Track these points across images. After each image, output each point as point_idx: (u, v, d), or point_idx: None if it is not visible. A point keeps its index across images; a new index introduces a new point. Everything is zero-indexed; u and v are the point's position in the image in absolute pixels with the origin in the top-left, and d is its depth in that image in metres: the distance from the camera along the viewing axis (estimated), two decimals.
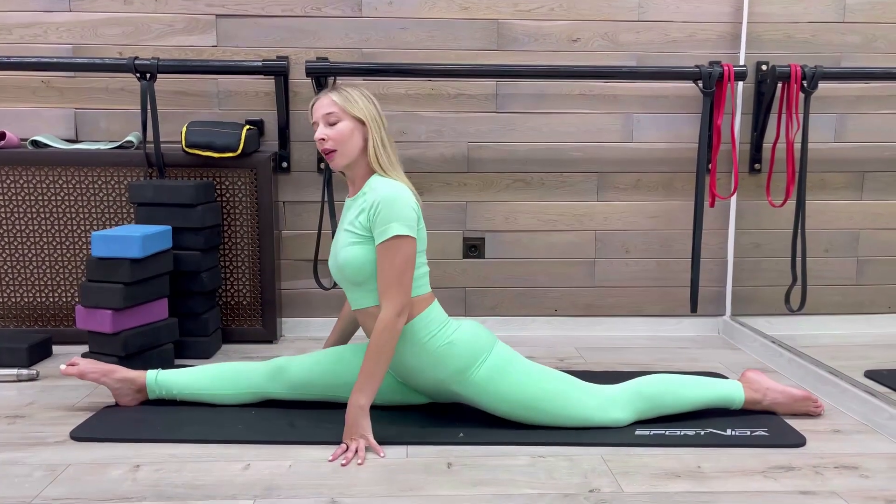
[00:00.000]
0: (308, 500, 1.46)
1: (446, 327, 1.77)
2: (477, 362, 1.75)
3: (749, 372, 1.95)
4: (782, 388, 1.89)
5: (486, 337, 1.80)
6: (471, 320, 1.86)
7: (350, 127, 1.73)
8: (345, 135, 1.72)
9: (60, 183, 2.48)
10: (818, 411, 1.91)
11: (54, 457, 1.66)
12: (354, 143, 1.74)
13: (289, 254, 2.68)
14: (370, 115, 1.74)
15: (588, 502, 1.47)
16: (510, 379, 1.75)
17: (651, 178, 2.72)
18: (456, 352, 1.74)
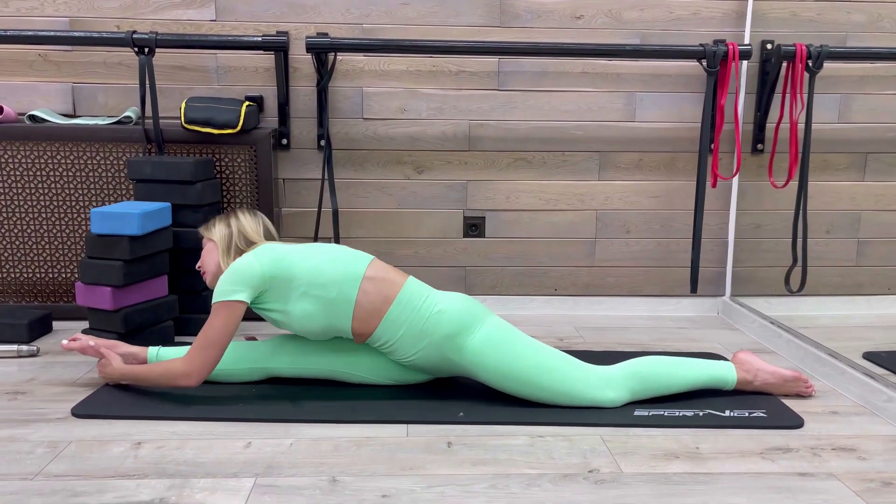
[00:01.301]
0: (309, 479, 1.47)
1: (429, 298, 1.80)
2: (470, 329, 1.77)
3: (741, 353, 1.97)
4: (773, 369, 1.91)
5: (479, 307, 1.83)
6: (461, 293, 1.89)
7: (209, 248, 1.91)
8: (205, 255, 1.92)
9: (59, 158, 2.46)
10: (809, 392, 1.92)
11: (56, 433, 1.66)
12: (213, 259, 1.89)
13: (289, 231, 2.67)
14: (219, 235, 1.90)
15: (587, 482, 1.48)
16: (506, 350, 1.77)
17: (653, 157, 2.70)
18: (446, 319, 1.77)
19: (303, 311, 1.76)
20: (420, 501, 1.39)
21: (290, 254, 1.81)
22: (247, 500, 1.39)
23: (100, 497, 1.39)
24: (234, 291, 1.74)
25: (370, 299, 1.77)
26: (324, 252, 1.82)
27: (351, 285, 1.77)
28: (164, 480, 1.46)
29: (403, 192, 2.67)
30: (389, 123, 2.63)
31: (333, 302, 1.76)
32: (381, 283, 1.79)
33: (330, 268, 1.78)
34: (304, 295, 1.76)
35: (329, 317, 1.77)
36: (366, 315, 1.78)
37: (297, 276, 1.77)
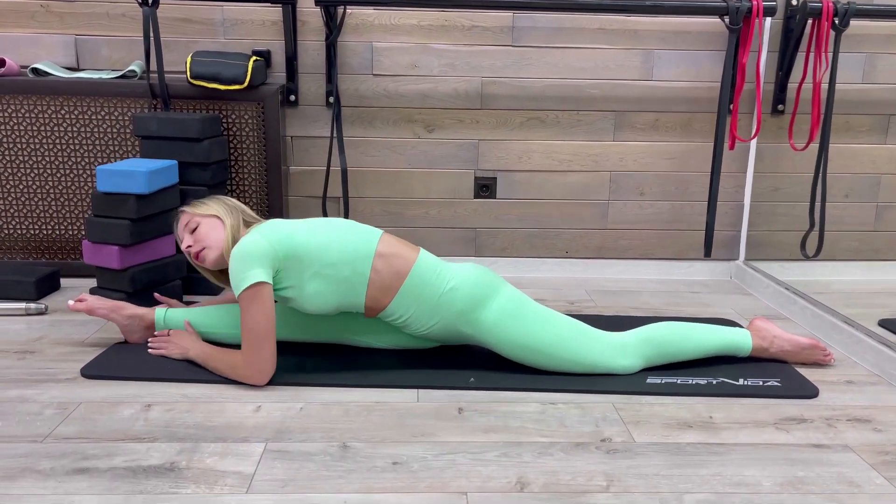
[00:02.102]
0: (319, 444, 1.46)
1: (441, 274, 1.75)
2: (485, 303, 1.74)
3: (757, 320, 1.93)
4: (789, 337, 1.88)
5: (492, 279, 1.78)
6: (473, 264, 1.83)
7: (210, 224, 1.78)
8: (204, 232, 1.77)
9: (63, 113, 2.41)
10: (827, 360, 1.90)
11: (65, 394, 1.66)
12: (218, 234, 1.77)
13: (297, 190, 2.63)
14: (221, 210, 1.80)
15: (599, 452, 1.46)
16: (520, 322, 1.74)
17: (670, 117, 2.64)
18: (459, 296, 1.73)
19: (315, 290, 1.70)
20: (431, 469, 1.38)
21: (295, 232, 1.71)
22: (257, 465, 1.38)
23: (109, 461, 1.39)
24: (252, 275, 1.62)
25: (382, 276, 1.72)
26: (330, 229, 1.74)
27: (363, 263, 1.71)
28: (175, 444, 1.45)
29: (413, 152, 2.62)
30: (400, 80, 2.56)
31: (346, 280, 1.71)
32: (393, 260, 1.73)
33: (340, 246, 1.71)
34: (316, 275, 1.69)
35: (342, 295, 1.73)
36: (378, 293, 1.73)
37: (306, 255, 1.69)
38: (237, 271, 1.64)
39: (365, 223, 2.65)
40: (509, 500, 1.29)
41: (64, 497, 1.27)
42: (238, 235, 1.77)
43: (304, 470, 1.37)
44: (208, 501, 1.26)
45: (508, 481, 1.35)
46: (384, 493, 1.30)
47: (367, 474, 1.36)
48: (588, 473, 1.38)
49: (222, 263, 1.79)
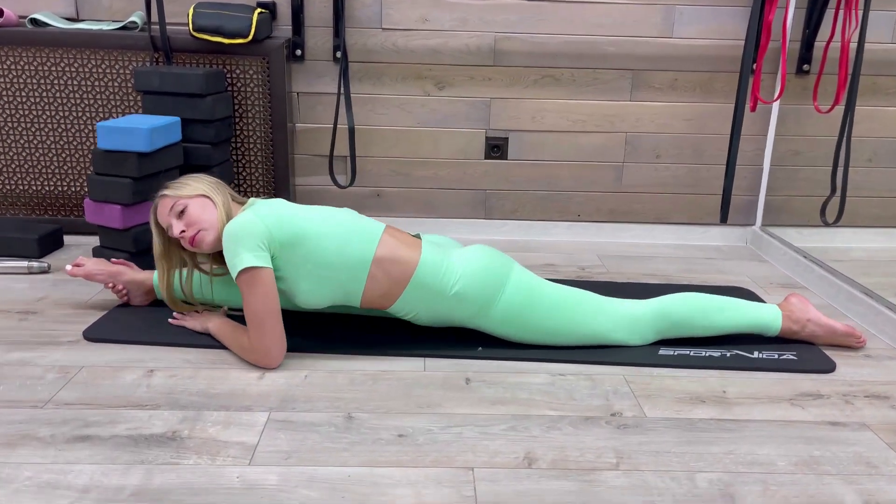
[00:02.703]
0: (324, 415, 1.44)
1: (445, 276, 1.63)
2: (491, 302, 1.65)
3: (793, 297, 1.82)
4: (825, 322, 1.77)
5: (498, 270, 1.66)
6: (478, 249, 1.70)
7: (199, 204, 1.64)
8: (195, 214, 1.63)
9: (63, 66, 2.34)
10: (860, 345, 1.81)
11: (67, 358, 1.63)
12: (210, 213, 1.63)
13: (303, 148, 2.57)
14: (206, 188, 1.66)
15: (610, 427, 1.43)
16: (529, 313, 1.66)
17: (689, 77, 2.54)
18: (465, 298, 1.63)
19: (308, 289, 1.61)
20: (437, 442, 1.36)
21: (294, 218, 1.58)
22: (260, 436, 1.36)
23: (111, 428, 1.36)
24: (247, 259, 1.52)
25: (379, 284, 1.61)
26: (331, 224, 1.60)
27: (359, 270, 1.60)
28: (177, 412, 1.43)
29: (423, 110, 2.54)
30: (410, 35, 2.47)
31: (342, 284, 1.61)
32: (392, 267, 1.60)
33: (337, 247, 1.58)
34: (310, 273, 1.59)
35: (336, 297, 1.64)
36: (375, 300, 1.64)
37: (301, 247, 1.56)
38: (231, 254, 1.53)
39: (372, 183, 2.60)
40: (517, 476, 1.27)
41: (64, 466, 1.25)
42: (231, 213, 1.65)
43: (308, 441, 1.34)
44: (210, 473, 1.24)
45: (516, 456, 1.32)
46: (388, 467, 1.28)
47: (371, 447, 1.34)
48: (597, 450, 1.35)
49: (219, 245, 1.64)
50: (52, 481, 1.21)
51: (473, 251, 1.70)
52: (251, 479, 1.23)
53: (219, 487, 1.21)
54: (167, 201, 1.66)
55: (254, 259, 1.52)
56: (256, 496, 1.19)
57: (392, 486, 1.22)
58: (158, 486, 1.21)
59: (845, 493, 1.25)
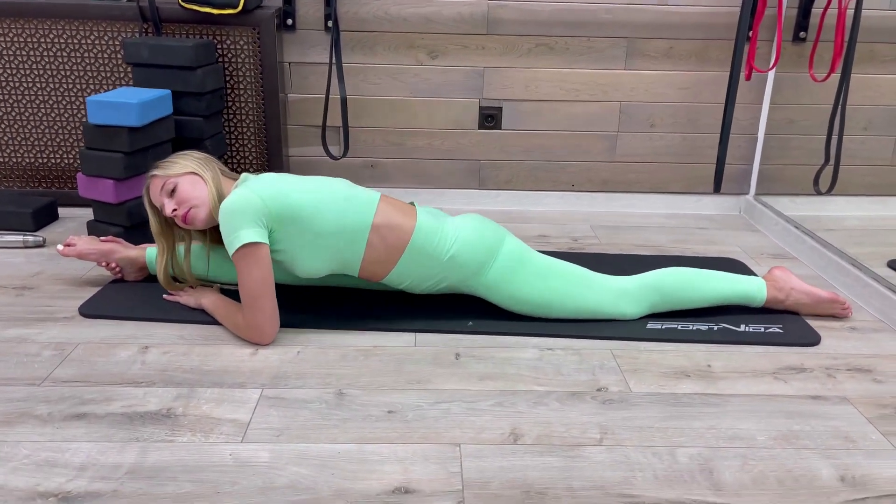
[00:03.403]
0: (315, 391, 1.47)
1: (440, 242, 1.66)
2: (485, 266, 1.68)
3: (776, 269, 1.87)
4: (808, 289, 1.82)
5: (492, 237, 1.70)
6: (471, 216, 1.74)
7: (189, 181, 1.65)
8: (186, 191, 1.64)
9: (51, 37, 2.32)
10: (845, 313, 1.84)
11: (63, 334, 1.66)
12: (201, 190, 1.64)
13: (296, 119, 2.56)
14: (195, 165, 1.67)
15: (595, 402, 1.46)
16: (521, 281, 1.69)
17: (684, 45, 2.51)
18: (460, 262, 1.67)
19: (307, 259, 1.63)
20: (425, 418, 1.39)
21: (290, 191, 1.59)
22: (252, 412, 1.39)
23: (107, 406, 1.40)
24: (244, 235, 1.53)
25: (377, 251, 1.64)
26: (327, 194, 1.61)
27: (358, 237, 1.62)
28: (171, 389, 1.46)
29: (416, 79, 2.53)
30: (402, 2, 2.44)
31: (340, 253, 1.63)
32: (389, 234, 1.63)
33: (335, 217, 1.60)
34: (309, 243, 1.61)
35: (334, 266, 1.66)
36: (373, 266, 1.66)
37: (299, 220, 1.58)
38: (228, 230, 1.55)
39: (366, 154, 2.60)
40: (502, 451, 1.30)
41: (62, 444, 1.28)
42: (221, 188, 1.66)
43: (300, 418, 1.38)
44: (203, 451, 1.28)
45: (502, 432, 1.35)
46: (378, 443, 1.31)
47: (361, 423, 1.37)
48: (582, 425, 1.38)
49: (212, 221, 1.67)
50: (49, 459, 1.24)
51: (467, 218, 1.73)
52: (243, 457, 1.26)
53: (212, 465, 1.24)
54: (157, 181, 1.67)
55: (251, 235, 1.54)
56: (248, 473, 1.22)
57: (380, 463, 1.26)
58: (153, 463, 1.24)
59: (822, 468, 1.28)
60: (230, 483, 1.20)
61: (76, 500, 1.15)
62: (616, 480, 1.23)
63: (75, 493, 1.16)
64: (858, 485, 1.24)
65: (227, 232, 1.55)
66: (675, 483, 1.23)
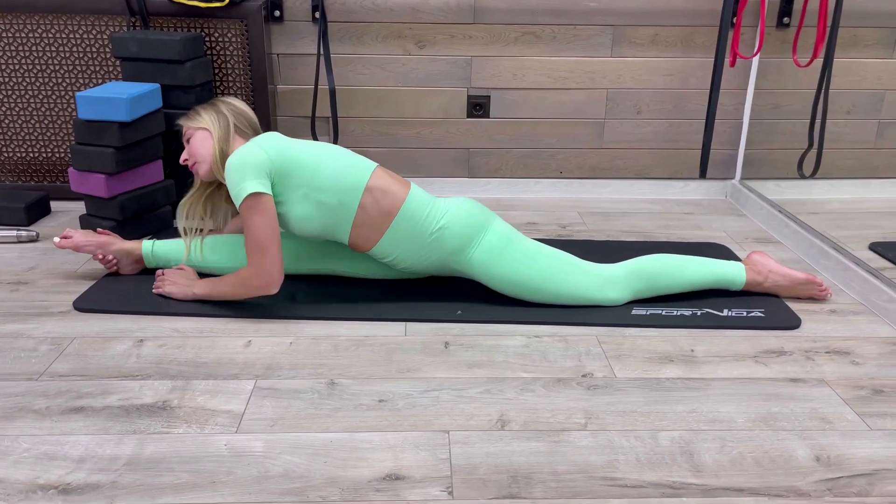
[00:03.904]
0: (307, 382, 1.50)
1: (431, 213, 1.73)
2: (473, 242, 1.74)
3: (754, 254, 1.91)
4: (786, 271, 1.87)
5: (481, 215, 1.76)
6: (463, 198, 1.80)
7: (201, 136, 1.78)
8: (196, 144, 1.78)
9: (40, 31, 2.32)
10: (823, 295, 1.89)
11: (59, 329, 1.69)
12: (207, 147, 1.77)
13: (285, 110, 2.58)
14: (210, 122, 1.78)
15: (580, 387, 1.50)
16: (508, 259, 1.74)
17: (670, 32, 2.54)
18: (449, 235, 1.73)
19: (301, 212, 1.70)
20: (415, 406, 1.43)
21: (293, 147, 1.70)
22: (246, 403, 1.42)
23: (104, 399, 1.43)
24: (249, 186, 1.63)
25: (369, 214, 1.70)
26: (327, 153, 1.72)
27: (352, 196, 1.69)
28: (167, 382, 1.49)
29: (404, 69, 2.54)
30: None
31: (333, 209, 1.70)
32: (382, 197, 1.70)
33: (332, 173, 1.69)
34: (304, 196, 1.68)
35: (327, 223, 1.72)
36: (364, 230, 1.72)
37: (299, 171, 1.68)
38: (234, 183, 1.65)
39: (355, 144, 2.62)
40: (489, 438, 1.34)
41: (60, 437, 1.32)
42: (227, 147, 1.76)
43: (293, 408, 1.41)
44: (199, 441, 1.31)
45: (490, 419, 1.39)
46: (369, 431, 1.35)
47: (353, 412, 1.41)
48: (568, 411, 1.42)
49: (212, 176, 1.79)
50: (49, 452, 1.28)
51: (458, 198, 1.80)
52: (238, 447, 1.30)
53: (208, 455, 1.28)
54: (183, 129, 1.83)
55: (256, 186, 1.63)
56: (243, 462, 1.26)
57: (371, 451, 1.30)
58: (150, 454, 1.28)
59: (798, 448, 1.33)
60: (226, 473, 1.24)
61: (76, 492, 1.19)
62: (600, 464, 1.28)
63: (75, 485, 1.20)
64: (833, 464, 1.29)
65: (233, 184, 1.65)
66: (656, 466, 1.27)
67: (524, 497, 1.20)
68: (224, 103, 1.82)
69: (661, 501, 1.19)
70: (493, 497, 1.19)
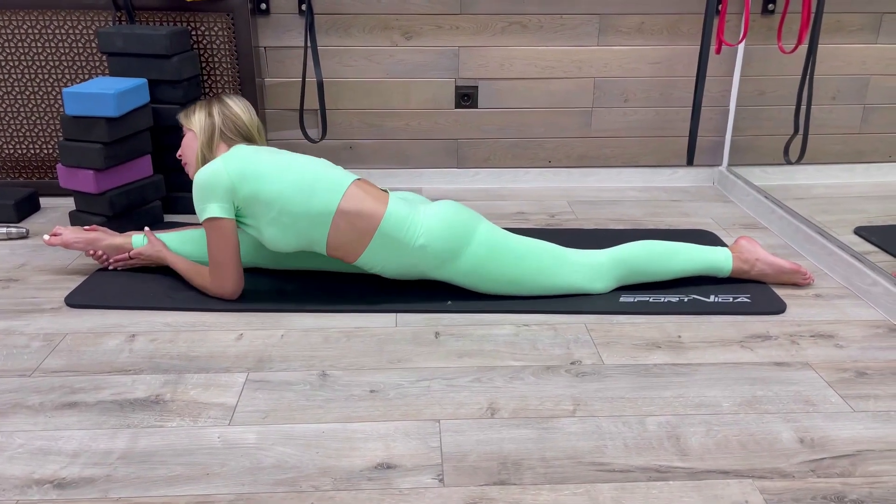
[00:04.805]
0: (299, 374, 1.52)
1: (410, 228, 1.69)
2: (457, 255, 1.72)
3: (742, 239, 1.93)
4: (771, 260, 1.89)
5: (462, 227, 1.72)
6: (445, 203, 1.76)
7: (189, 138, 1.81)
8: (184, 146, 1.82)
9: (25, 27, 2.32)
10: (806, 282, 1.91)
11: (51, 325, 1.70)
12: (192, 151, 1.81)
13: (273, 103, 2.58)
14: (198, 124, 1.79)
15: (569, 375, 1.52)
16: (495, 264, 1.74)
17: (656, 20, 2.55)
18: (430, 252, 1.70)
19: (273, 233, 1.69)
20: (406, 396, 1.44)
21: (259, 173, 1.65)
22: (239, 396, 1.44)
23: (97, 394, 1.44)
24: (209, 209, 1.66)
25: (344, 235, 1.68)
26: (295, 175, 1.66)
27: (322, 219, 1.66)
28: (159, 376, 1.50)
29: (391, 60, 2.55)
30: None
31: (305, 231, 1.68)
32: (357, 218, 1.67)
33: (300, 199, 1.65)
34: (274, 220, 1.67)
35: (301, 243, 1.71)
36: (341, 250, 1.71)
37: (265, 200, 1.65)
38: (196, 200, 1.68)
39: (344, 136, 2.63)
40: (480, 425, 1.36)
41: (54, 433, 1.33)
42: (209, 153, 1.78)
43: (285, 400, 1.43)
44: (192, 434, 1.33)
45: (480, 407, 1.41)
46: (361, 422, 1.37)
47: (344, 403, 1.42)
48: (556, 398, 1.44)
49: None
50: (43, 447, 1.29)
51: (440, 205, 1.76)
52: (231, 439, 1.32)
53: (201, 448, 1.29)
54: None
55: (217, 210, 1.67)
56: (236, 454, 1.28)
57: (363, 441, 1.31)
58: (144, 448, 1.29)
59: (782, 431, 1.35)
60: (219, 465, 1.25)
61: (71, 486, 1.20)
62: (588, 450, 1.30)
63: (70, 480, 1.21)
64: (817, 446, 1.31)
65: (196, 201, 1.69)
66: (643, 450, 1.30)
67: (514, 483, 1.22)
68: (220, 104, 1.80)
69: (648, 485, 1.21)
70: (484, 483, 1.21)
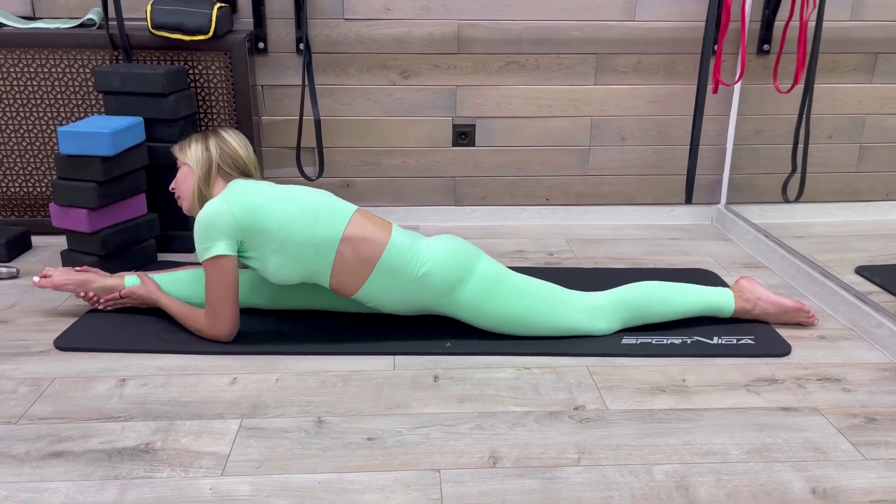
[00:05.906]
0: (294, 420, 1.47)
1: (413, 258, 1.69)
2: (459, 286, 1.70)
3: (743, 279, 1.91)
4: (774, 299, 1.87)
5: (465, 259, 1.71)
6: (447, 237, 1.75)
7: (184, 172, 1.79)
8: (179, 180, 1.80)
9: (21, 66, 2.31)
10: (810, 321, 1.89)
11: (39, 369, 1.65)
12: (188, 185, 1.78)
13: (270, 141, 2.56)
14: (194, 158, 1.77)
15: (572, 421, 1.48)
16: (496, 299, 1.71)
17: (652, 60, 2.56)
18: (433, 281, 1.69)
19: (277, 264, 1.67)
20: (405, 444, 1.40)
21: (264, 205, 1.65)
22: (232, 445, 1.39)
23: (84, 443, 1.39)
24: (213, 248, 1.63)
25: (348, 263, 1.67)
26: (300, 205, 1.66)
27: (328, 247, 1.66)
28: (150, 423, 1.46)
29: (389, 99, 2.54)
30: (373, 24, 2.46)
31: (310, 260, 1.67)
32: (361, 246, 1.67)
33: (305, 228, 1.64)
34: (278, 251, 1.65)
35: (305, 273, 1.69)
36: (344, 279, 1.69)
37: (270, 230, 1.64)
38: (199, 240, 1.65)
39: (341, 174, 2.61)
40: (482, 476, 1.31)
41: (39, 484, 1.28)
42: (205, 189, 1.76)
43: (279, 449, 1.38)
44: (183, 486, 1.28)
45: (481, 456, 1.37)
46: (358, 472, 1.32)
47: (341, 452, 1.38)
48: (560, 445, 1.40)
49: (194, 213, 1.79)
50: (28, 500, 1.24)
51: (442, 239, 1.75)
52: (224, 490, 1.27)
53: (192, 500, 1.24)
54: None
55: (221, 248, 1.64)
56: None
57: (361, 492, 1.27)
58: (133, 501, 1.24)
59: (794, 480, 1.31)
60: None
61: None
62: (594, 501, 1.25)
63: None
64: (830, 496, 1.27)
65: (199, 241, 1.65)
66: (652, 501, 1.25)
67: None
68: (217, 138, 1.79)
69: None
70: None
